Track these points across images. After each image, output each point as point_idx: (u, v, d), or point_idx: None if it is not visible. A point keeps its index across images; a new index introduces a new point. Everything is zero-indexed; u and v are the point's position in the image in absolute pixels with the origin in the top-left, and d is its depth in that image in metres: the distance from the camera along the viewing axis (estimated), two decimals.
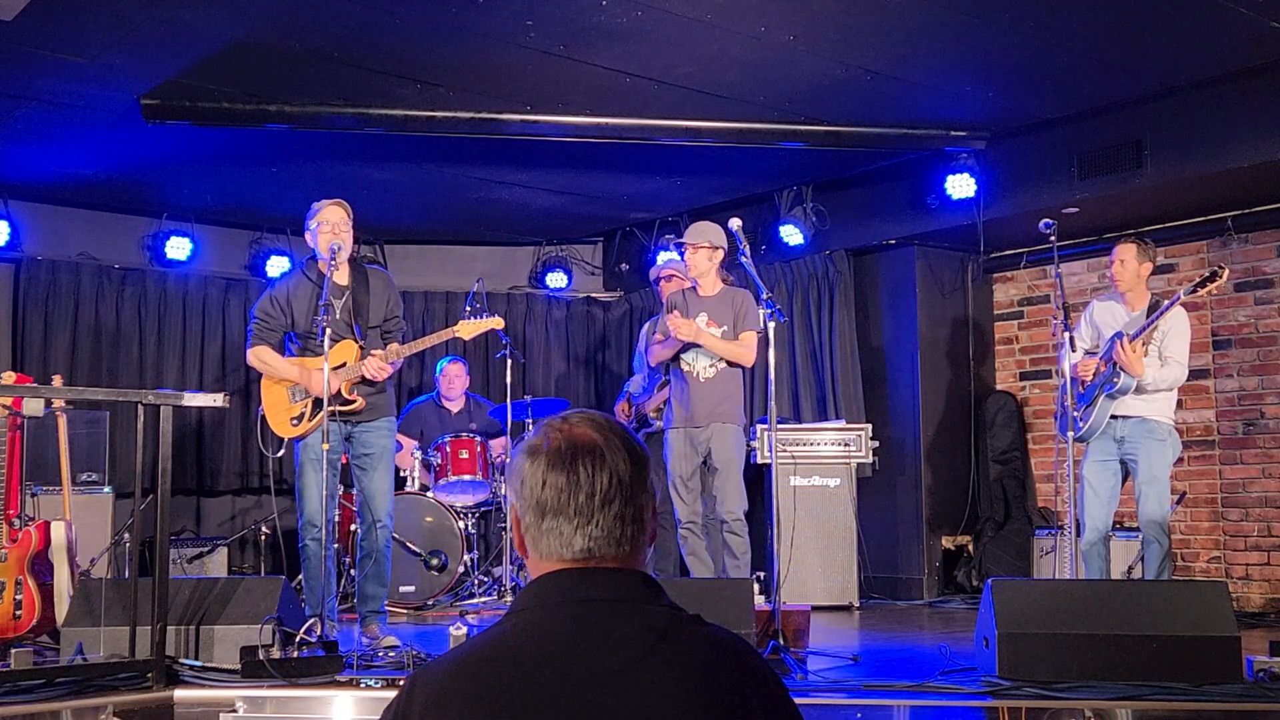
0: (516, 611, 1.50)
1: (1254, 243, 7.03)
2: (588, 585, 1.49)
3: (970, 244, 7.64)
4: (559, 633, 1.44)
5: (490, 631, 1.48)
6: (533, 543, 1.54)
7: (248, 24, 5.28)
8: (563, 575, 1.51)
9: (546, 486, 1.51)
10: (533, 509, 1.53)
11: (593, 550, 1.51)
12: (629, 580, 1.51)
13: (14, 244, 7.83)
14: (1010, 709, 3.76)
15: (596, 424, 1.56)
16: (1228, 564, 7.05)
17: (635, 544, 1.54)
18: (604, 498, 1.51)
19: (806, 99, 6.36)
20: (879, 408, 7.96)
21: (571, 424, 1.56)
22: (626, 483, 1.53)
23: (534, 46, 5.55)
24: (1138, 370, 5.34)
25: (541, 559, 1.53)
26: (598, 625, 1.45)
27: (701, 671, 1.41)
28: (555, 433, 1.55)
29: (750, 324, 5.71)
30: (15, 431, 5.24)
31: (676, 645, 1.43)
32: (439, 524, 6.99)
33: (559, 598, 1.49)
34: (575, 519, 1.50)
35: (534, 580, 1.53)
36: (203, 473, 8.54)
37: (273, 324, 5.29)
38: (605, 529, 1.51)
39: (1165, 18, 5.36)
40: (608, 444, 1.53)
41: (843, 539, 6.96)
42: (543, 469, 1.52)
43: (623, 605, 1.48)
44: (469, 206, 8.49)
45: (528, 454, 1.55)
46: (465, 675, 1.42)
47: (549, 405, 8.10)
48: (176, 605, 4.35)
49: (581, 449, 1.52)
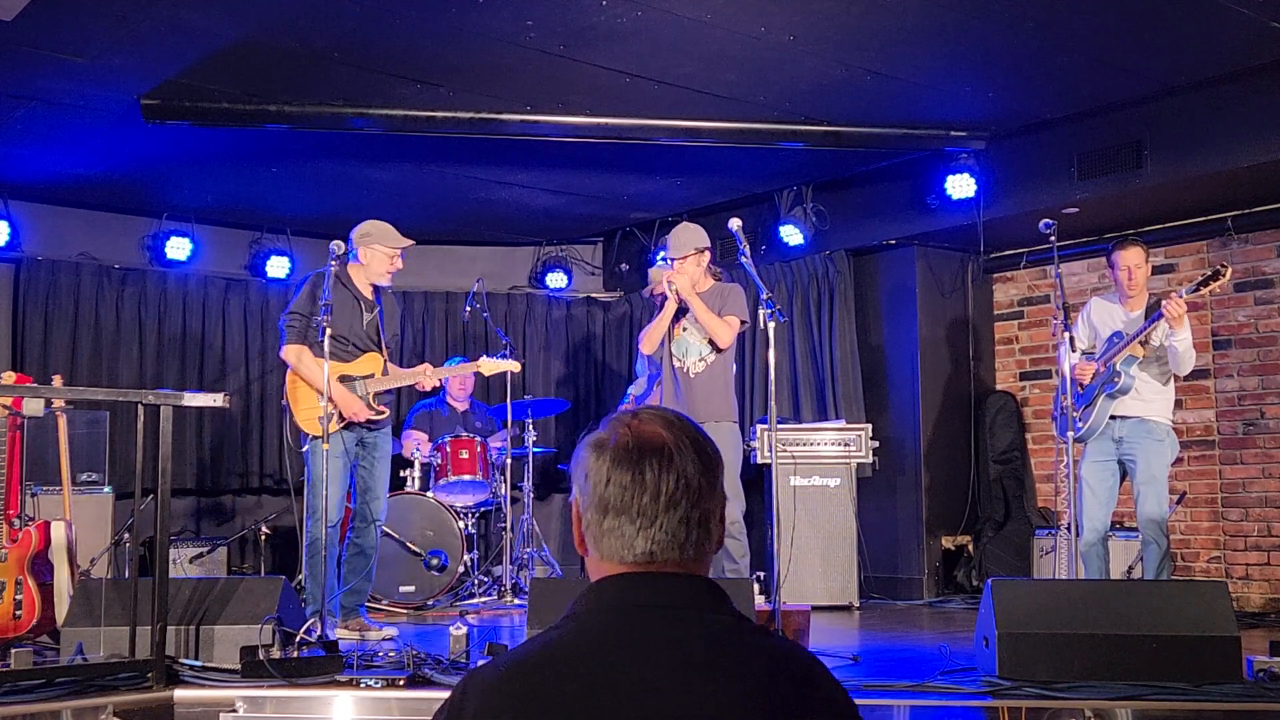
0: (574, 615, 1.45)
1: (1254, 243, 7.03)
2: (648, 590, 1.44)
3: (970, 244, 7.64)
4: (618, 638, 1.39)
5: (547, 635, 1.43)
6: (593, 541, 1.49)
7: (248, 24, 5.28)
8: (623, 579, 1.46)
9: (611, 484, 1.46)
10: (595, 506, 1.47)
11: (655, 554, 1.45)
12: (691, 586, 1.45)
13: (14, 244, 7.83)
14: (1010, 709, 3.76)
15: (668, 422, 1.50)
16: (1228, 564, 7.05)
17: (700, 549, 1.48)
18: (669, 500, 1.45)
19: (806, 99, 6.36)
20: (879, 408, 7.96)
21: (641, 421, 1.50)
22: (694, 486, 1.47)
23: (534, 46, 5.55)
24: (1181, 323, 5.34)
25: (602, 559, 1.48)
26: (656, 632, 1.39)
27: (763, 685, 1.35)
28: (624, 429, 1.49)
29: (732, 309, 5.70)
30: (15, 431, 5.24)
31: (738, 656, 1.37)
32: (439, 524, 6.99)
33: (617, 602, 1.44)
34: (638, 520, 1.45)
35: (593, 583, 1.49)
36: (203, 473, 8.54)
37: (310, 324, 5.41)
38: (669, 532, 1.45)
39: (1165, 18, 5.36)
40: (677, 444, 1.48)
41: (843, 539, 6.96)
42: (608, 466, 1.47)
43: (683, 612, 1.42)
44: (469, 206, 8.49)
45: (594, 449, 1.50)
46: (520, 678, 1.37)
47: (549, 405, 8.11)
48: (176, 605, 4.35)
49: (649, 448, 1.47)
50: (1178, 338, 5.39)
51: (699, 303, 5.65)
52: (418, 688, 3.98)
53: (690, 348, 5.75)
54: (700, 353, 5.73)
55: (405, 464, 7.45)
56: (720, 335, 5.66)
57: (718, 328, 5.65)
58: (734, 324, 5.70)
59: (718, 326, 5.65)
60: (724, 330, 5.66)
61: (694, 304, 5.65)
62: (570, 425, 9.22)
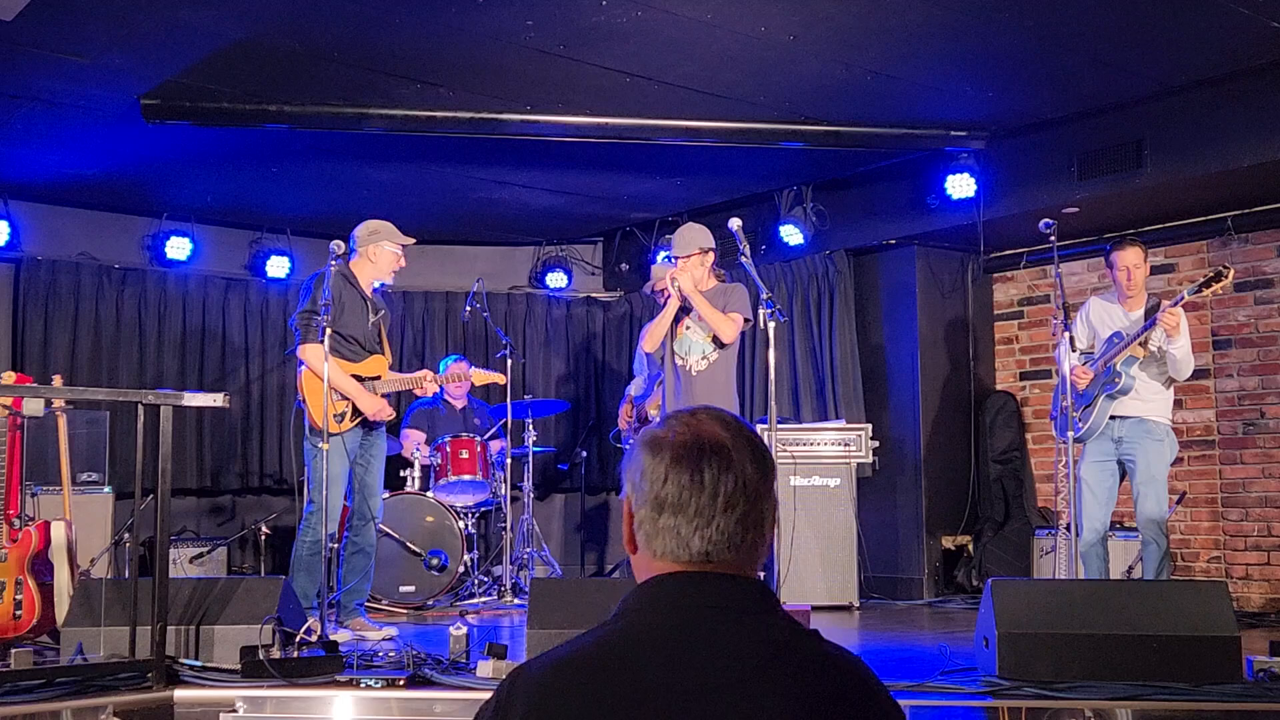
0: (625, 613, 1.43)
1: (1254, 243, 7.03)
2: (703, 591, 1.43)
3: (970, 244, 7.64)
4: (671, 639, 1.37)
5: (599, 632, 1.42)
6: (645, 539, 1.47)
7: (248, 24, 5.28)
8: (677, 578, 1.44)
9: (668, 483, 1.44)
10: (650, 504, 1.45)
11: (710, 554, 1.44)
12: (746, 589, 1.44)
13: (14, 244, 7.83)
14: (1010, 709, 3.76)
15: (725, 423, 1.49)
16: (1228, 564, 7.05)
17: (754, 551, 1.47)
18: (727, 500, 1.44)
19: (806, 99, 6.36)
20: (879, 408, 7.96)
21: (700, 420, 1.49)
22: (752, 487, 1.46)
23: (534, 46, 5.55)
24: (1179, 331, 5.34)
25: (654, 558, 1.47)
26: (712, 634, 1.38)
27: (819, 692, 1.34)
28: (682, 427, 1.48)
29: (736, 307, 5.72)
30: (15, 431, 5.24)
31: (794, 662, 1.36)
32: (439, 524, 6.99)
33: (672, 602, 1.42)
34: (695, 520, 1.43)
35: (645, 582, 1.47)
36: (203, 473, 8.54)
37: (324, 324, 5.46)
38: (725, 533, 1.44)
39: (1165, 18, 5.36)
40: (736, 445, 1.47)
41: (843, 539, 6.96)
42: (666, 464, 1.45)
43: (739, 615, 1.41)
44: (469, 206, 8.49)
45: (650, 447, 1.48)
46: (571, 675, 1.36)
47: (549, 405, 8.11)
48: (176, 605, 4.35)
49: (709, 448, 1.45)
50: (1175, 345, 5.39)
51: (702, 300, 5.66)
52: (418, 688, 3.98)
53: (693, 346, 5.76)
54: (703, 351, 5.74)
55: (405, 464, 7.45)
56: (724, 330, 5.67)
57: (721, 323, 5.66)
58: (738, 320, 5.71)
59: (721, 322, 5.66)
60: (727, 325, 5.67)
61: (697, 301, 5.66)
62: (570, 425, 9.22)
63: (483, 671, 4.04)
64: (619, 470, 1.69)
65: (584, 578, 8.60)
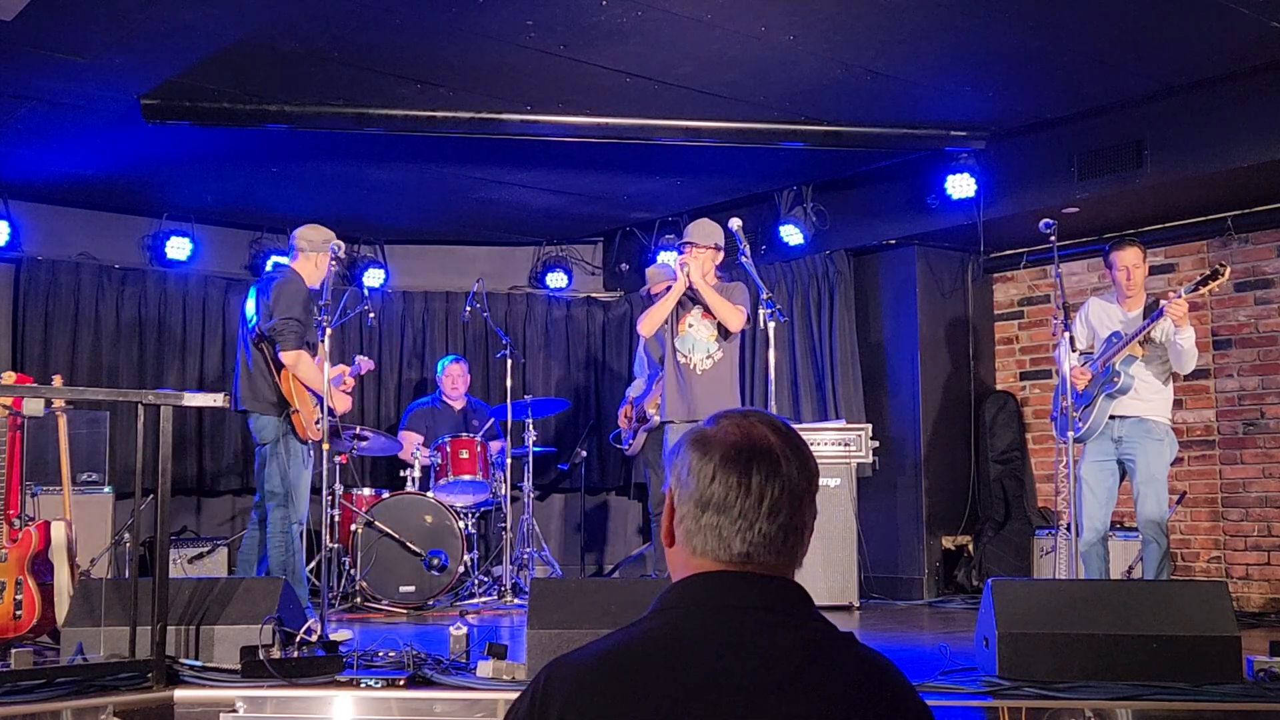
0: (663, 610, 1.43)
1: (1254, 243, 7.03)
2: (743, 591, 1.43)
3: (970, 244, 7.64)
4: (712, 638, 1.38)
5: (635, 628, 1.41)
6: (686, 535, 1.47)
7: (248, 24, 5.27)
8: (717, 577, 1.45)
9: (715, 482, 1.45)
10: (695, 501, 1.46)
11: (751, 555, 1.45)
12: (785, 591, 1.45)
13: (14, 244, 7.82)
14: (1010, 709, 3.76)
15: (775, 427, 1.50)
16: (1228, 564, 7.05)
17: (793, 555, 1.48)
18: (772, 505, 1.45)
19: (806, 99, 6.36)
20: (879, 408, 7.96)
21: (751, 422, 1.50)
22: (797, 494, 1.47)
23: (534, 46, 5.55)
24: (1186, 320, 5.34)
25: (694, 555, 1.47)
26: (753, 635, 1.38)
27: (857, 695, 1.36)
28: (733, 427, 1.49)
29: (738, 300, 5.75)
30: (15, 431, 5.24)
31: (833, 665, 1.38)
32: (439, 524, 6.99)
33: (712, 602, 1.42)
34: (739, 521, 1.44)
35: (684, 579, 1.47)
36: (203, 473, 8.53)
37: (309, 327, 5.59)
38: (768, 536, 1.45)
39: (1165, 18, 5.36)
40: (784, 451, 1.47)
41: (843, 539, 6.95)
42: (715, 464, 1.46)
43: (779, 617, 1.41)
44: (469, 206, 8.49)
45: (699, 445, 1.49)
46: (609, 671, 1.36)
47: (548, 405, 8.11)
48: (176, 605, 4.34)
49: (758, 451, 1.46)
50: (1182, 335, 5.39)
51: (709, 289, 5.67)
52: (418, 688, 3.98)
53: (697, 344, 5.76)
54: (707, 350, 5.75)
55: (404, 464, 7.45)
56: (730, 319, 5.68)
57: (728, 312, 5.68)
58: (743, 310, 5.74)
59: (728, 311, 5.68)
60: (734, 314, 5.69)
61: (704, 291, 5.67)
62: (570, 425, 9.22)
63: (483, 671, 4.04)
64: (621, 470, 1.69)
65: (584, 578, 8.59)
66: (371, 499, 7.08)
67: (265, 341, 5.72)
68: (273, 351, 5.71)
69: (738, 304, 5.73)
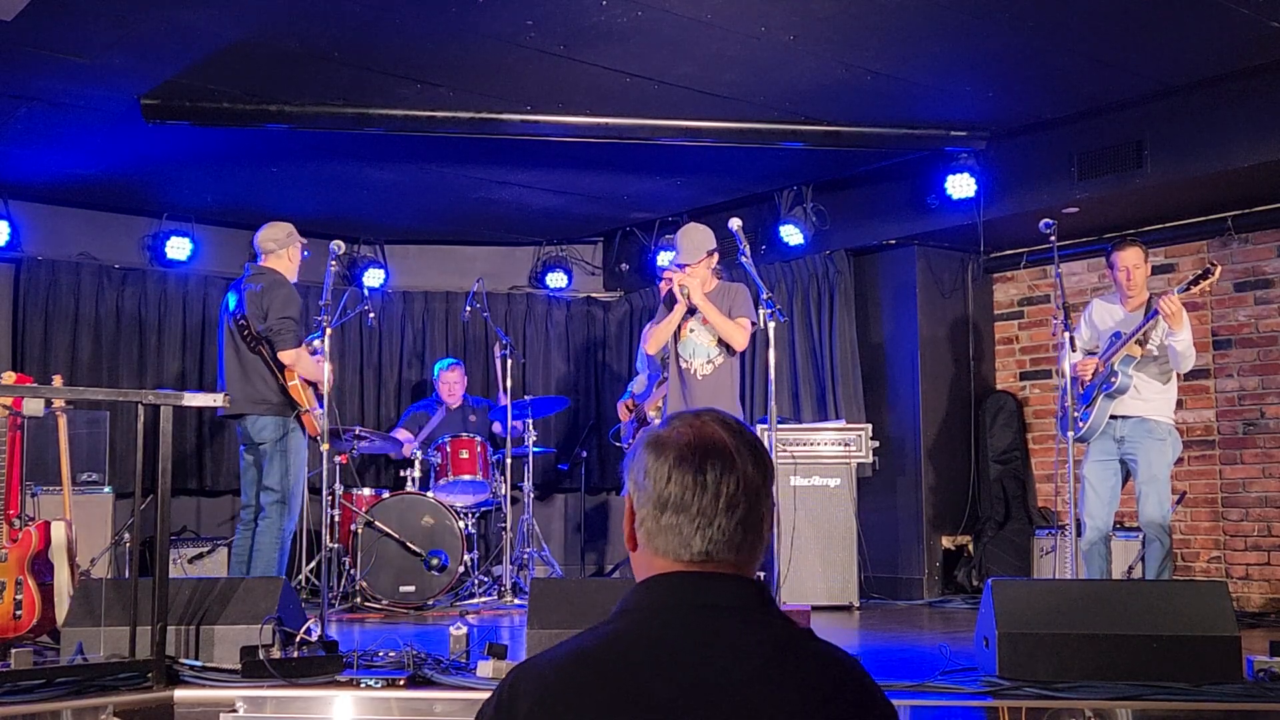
0: (627, 611, 1.45)
1: (1254, 243, 7.03)
2: (705, 590, 1.45)
3: (970, 244, 7.64)
4: (675, 638, 1.39)
5: (600, 630, 1.43)
6: (647, 537, 1.49)
7: (248, 24, 5.28)
8: (679, 578, 1.46)
9: (671, 483, 1.46)
10: (653, 503, 1.48)
11: (711, 553, 1.46)
12: (746, 589, 1.47)
13: (14, 244, 7.83)
14: (1010, 709, 3.76)
15: (728, 425, 1.52)
16: (1228, 564, 7.05)
17: (753, 552, 1.50)
18: (729, 501, 1.46)
19: (806, 99, 6.36)
20: (879, 408, 7.96)
21: (703, 421, 1.52)
22: (753, 489, 1.49)
23: (534, 46, 5.55)
24: (1179, 322, 5.33)
25: (655, 555, 1.48)
26: (715, 634, 1.40)
27: (819, 691, 1.37)
28: (686, 428, 1.50)
29: (742, 310, 5.71)
30: (15, 431, 5.24)
31: (796, 661, 1.39)
32: (439, 524, 6.99)
33: (675, 601, 1.44)
34: (697, 519, 1.46)
35: (646, 580, 1.48)
36: (203, 473, 8.54)
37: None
38: (726, 533, 1.46)
39: (1165, 18, 5.36)
40: (737, 447, 1.49)
41: (843, 539, 6.96)
42: (669, 464, 1.47)
43: (741, 615, 1.43)
44: (469, 206, 8.49)
45: (654, 447, 1.50)
46: (576, 673, 1.37)
47: (549, 405, 8.11)
48: (176, 605, 4.34)
49: (712, 449, 1.48)
50: (1177, 338, 5.39)
51: (713, 309, 5.66)
52: (418, 688, 3.98)
53: (698, 349, 5.76)
54: (708, 354, 5.74)
55: (405, 464, 7.45)
56: (735, 339, 5.66)
57: (733, 332, 5.65)
58: (746, 326, 5.71)
59: (733, 331, 5.65)
60: (739, 334, 5.67)
61: (708, 311, 5.65)
62: (570, 425, 9.22)
63: (483, 671, 4.04)
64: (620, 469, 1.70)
65: (584, 578, 8.60)
66: (371, 499, 7.08)
67: (263, 343, 5.72)
68: (271, 352, 5.71)
69: (740, 315, 5.69)
